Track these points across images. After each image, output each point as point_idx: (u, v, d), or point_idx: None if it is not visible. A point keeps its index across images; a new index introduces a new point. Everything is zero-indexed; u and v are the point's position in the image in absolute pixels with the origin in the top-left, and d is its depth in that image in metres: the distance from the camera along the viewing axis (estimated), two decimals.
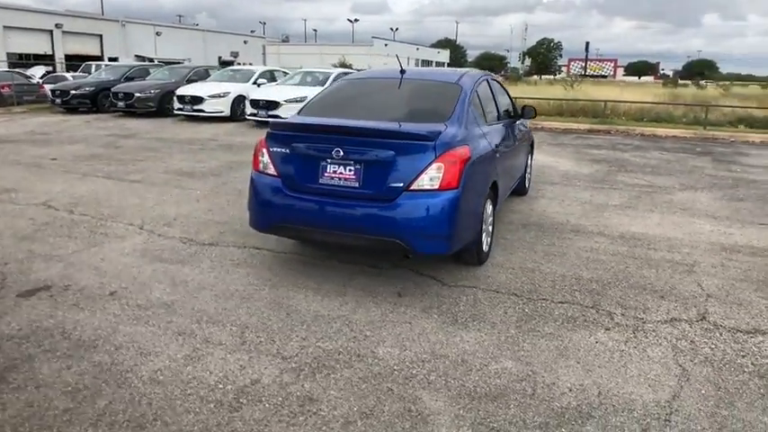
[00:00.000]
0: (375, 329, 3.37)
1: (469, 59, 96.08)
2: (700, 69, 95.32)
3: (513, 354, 3.12)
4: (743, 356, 3.14)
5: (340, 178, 3.72)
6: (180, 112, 14.59)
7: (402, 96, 4.55)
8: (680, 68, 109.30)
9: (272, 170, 3.95)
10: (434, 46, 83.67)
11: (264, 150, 4.01)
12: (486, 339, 3.28)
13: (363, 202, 3.68)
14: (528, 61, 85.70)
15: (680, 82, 50.76)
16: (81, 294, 3.79)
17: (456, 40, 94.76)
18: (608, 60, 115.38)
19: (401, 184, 3.60)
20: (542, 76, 72.98)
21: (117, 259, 4.47)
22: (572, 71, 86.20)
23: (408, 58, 58.77)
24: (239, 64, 37.79)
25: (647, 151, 11.26)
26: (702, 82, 44.91)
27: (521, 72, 71.00)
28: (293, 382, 2.80)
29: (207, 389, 2.73)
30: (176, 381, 2.80)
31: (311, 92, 13.45)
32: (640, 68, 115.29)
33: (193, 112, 14.26)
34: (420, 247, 3.69)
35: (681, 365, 3.03)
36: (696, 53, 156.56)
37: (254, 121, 13.63)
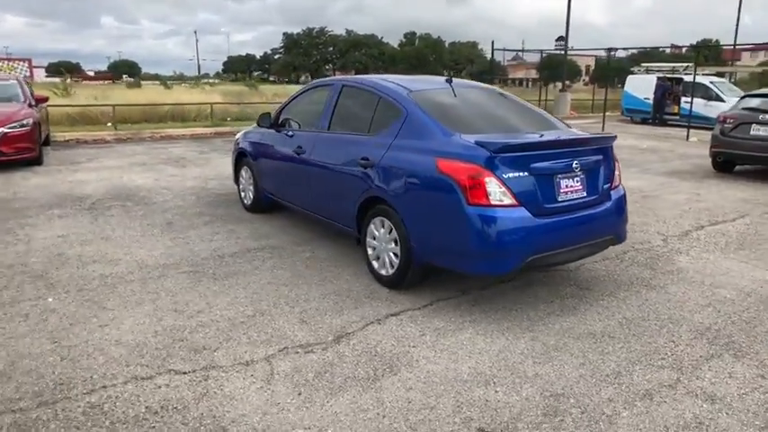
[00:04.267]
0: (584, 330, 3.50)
1: None
2: (126, 70, 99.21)
3: (670, 283, 4.00)
4: None
5: (572, 191, 3.74)
6: None
7: (504, 105, 4.62)
8: (105, 69, 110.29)
9: (509, 199, 3.47)
10: None
11: (492, 179, 3.44)
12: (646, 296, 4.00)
13: (592, 209, 3.83)
14: None
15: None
16: None
17: None
18: (20, 60, 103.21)
19: (608, 185, 3.99)
20: None
21: None
22: None
23: None
24: None
25: None
26: (168, 82, 47.65)
27: None
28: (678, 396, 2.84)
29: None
30: None
31: None
32: (64, 69, 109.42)
33: None
34: (623, 236, 4.19)
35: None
36: (116, 54, 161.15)
37: None
